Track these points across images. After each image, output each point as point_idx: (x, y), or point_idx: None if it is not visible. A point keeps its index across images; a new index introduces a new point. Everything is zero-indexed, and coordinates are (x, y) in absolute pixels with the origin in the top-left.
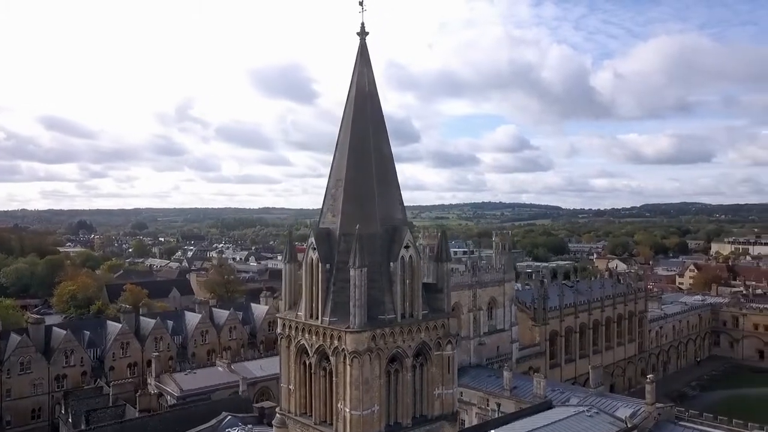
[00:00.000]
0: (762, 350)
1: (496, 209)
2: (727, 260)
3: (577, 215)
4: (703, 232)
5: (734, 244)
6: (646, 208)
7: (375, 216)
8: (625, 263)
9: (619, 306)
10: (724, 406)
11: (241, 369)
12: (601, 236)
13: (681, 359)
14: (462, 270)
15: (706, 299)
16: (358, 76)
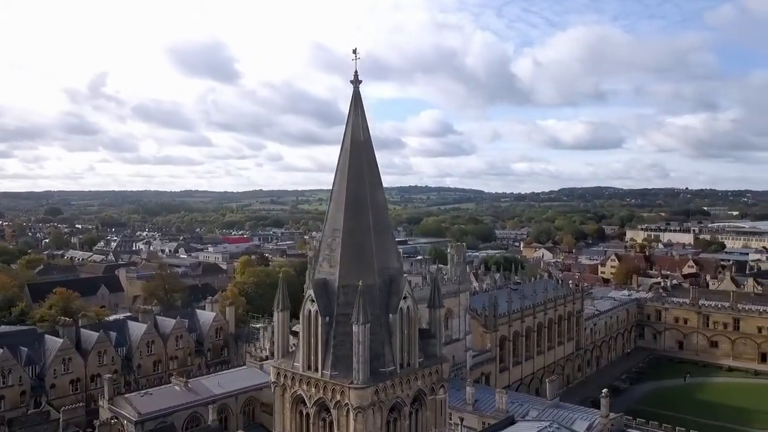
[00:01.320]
0: (681, 341)
1: (423, 193)
2: (643, 249)
3: (499, 199)
4: (617, 217)
5: (647, 231)
6: (563, 192)
7: (373, 267)
8: (551, 252)
9: (560, 308)
10: (651, 398)
11: (198, 387)
12: (524, 222)
13: (611, 353)
14: (420, 283)
15: (632, 294)
16: (352, 127)
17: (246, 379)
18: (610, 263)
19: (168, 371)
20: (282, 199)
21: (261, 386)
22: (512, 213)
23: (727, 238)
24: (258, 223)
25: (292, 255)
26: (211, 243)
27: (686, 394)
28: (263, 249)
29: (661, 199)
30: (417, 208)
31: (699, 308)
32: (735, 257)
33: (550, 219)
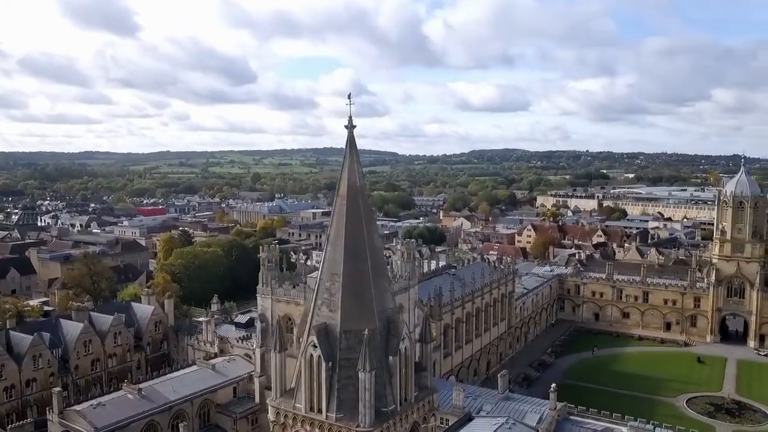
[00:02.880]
0: (597, 313)
1: (338, 155)
2: (556, 219)
3: (413, 161)
4: (526, 181)
5: (555, 197)
6: (473, 155)
7: (373, 311)
8: (469, 221)
9: (495, 291)
10: (575, 370)
11: (152, 393)
12: (440, 187)
13: (537, 327)
14: None
15: (553, 270)
16: (348, 172)
17: (200, 382)
18: (526, 233)
19: (107, 369)
20: (192, 161)
21: (215, 388)
22: (427, 177)
23: (627, 204)
24: (170, 190)
25: (214, 230)
26: (124, 215)
27: (604, 365)
28: (181, 222)
29: (564, 162)
30: (334, 171)
31: (613, 283)
32: (636, 225)
33: (464, 184)
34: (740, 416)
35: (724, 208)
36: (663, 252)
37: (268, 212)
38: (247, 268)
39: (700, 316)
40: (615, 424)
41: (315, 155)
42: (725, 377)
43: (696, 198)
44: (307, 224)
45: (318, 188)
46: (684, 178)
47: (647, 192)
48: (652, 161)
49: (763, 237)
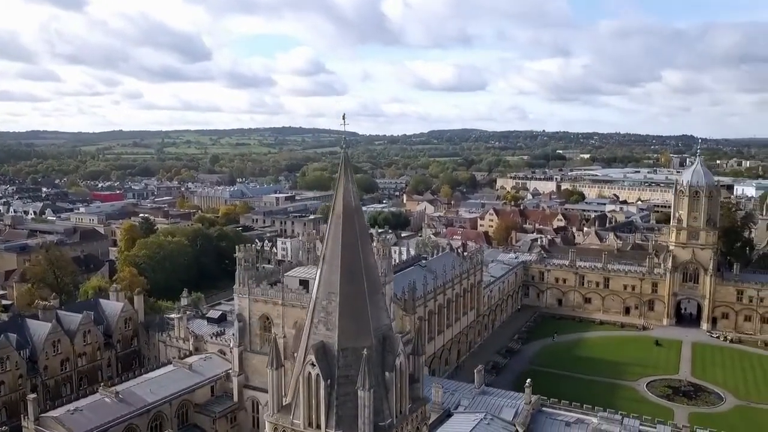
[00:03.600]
0: (561, 299)
1: (297, 134)
2: (517, 202)
3: (373, 141)
4: (486, 162)
5: (515, 179)
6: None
7: (369, 329)
8: (433, 205)
9: (464, 281)
10: (540, 356)
11: (129, 396)
12: (401, 169)
13: (503, 314)
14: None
15: (518, 257)
16: (344, 192)
17: (177, 382)
18: (488, 217)
19: (77, 368)
20: (146, 141)
21: (193, 388)
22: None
23: (584, 186)
24: (125, 173)
25: (175, 216)
26: (79, 200)
27: (569, 351)
28: (141, 208)
29: (522, 142)
30: (293, 151)
31: (576, 269)
32: (594, 208)
33: (425, 166)
34: (696, 398)
35: (681, 197)
36: (621, 236)
37: (229, 197)
38: (212, 258)
39: (657, 301)
40: (585, 414)
41: (273, 134)
42: (681, 360)
43: (649, 180)
44: (271, 210)
45: (279, 170)
46: (637, 158)
47: (603, 174)
48: (606, 141)
49: (716, 225)
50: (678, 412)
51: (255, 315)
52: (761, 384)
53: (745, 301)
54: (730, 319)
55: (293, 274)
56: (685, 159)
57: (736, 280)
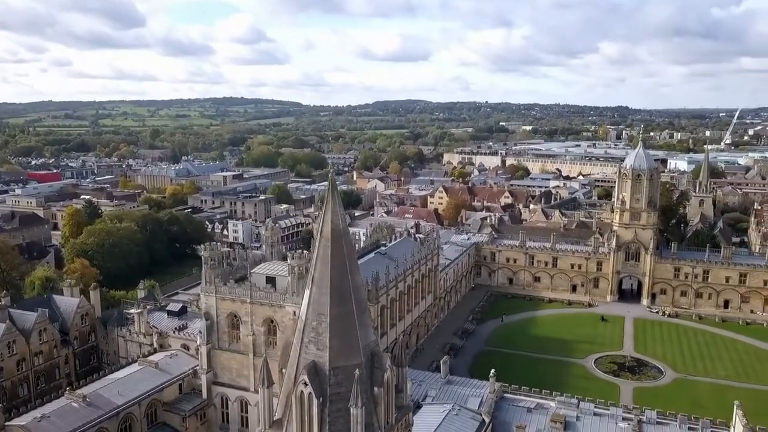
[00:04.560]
0: (511, 278)
1: (239, 105)
2: (465, 180)
3: (318, 113)
4: (431, 135)
5: (461, 153)
6: (378, 106)
7: (359, 346)
8: (383, 182)
9: (423, 267)
10: (494, 336)
11: (97, 399)
12: (348, 142)
13: (458, 295)
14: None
15: (470, 238)
16: (332, 214)
17: (145, 382)
18: (438, 195)
19: (33, 368)
20: (79, 113)
21: (162, 387)
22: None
23: (528, 160)
24: (60, 148)
25: (120, 198)
26: (13, 181)
27: (521, 330)
28: (82, 188)
29: (465, 113)
30: (235, 122)
31: (526, 250)
32: (539, 184)
33: (372, 139)
34: (639, 373)
35: (624, 180)
36: (566, 214)
37: (175, 176)
38: (162, 243)
39: (602, 279)
40: (544, 399)
41: (215, 105)
42: (625, 335)
43: (589, 155)
44: (220, 191)
45: (223, 144)
46: (576, 130)
47: (546, 148)
48: (547, 113)
49: (656, 206)
50: (623, 387)
51: (222, 313)
52: (696, 358)
53: (681, 277)
54: (667, 294)
55: (260, 271)
56: (622, 131)
57: (673, 258)
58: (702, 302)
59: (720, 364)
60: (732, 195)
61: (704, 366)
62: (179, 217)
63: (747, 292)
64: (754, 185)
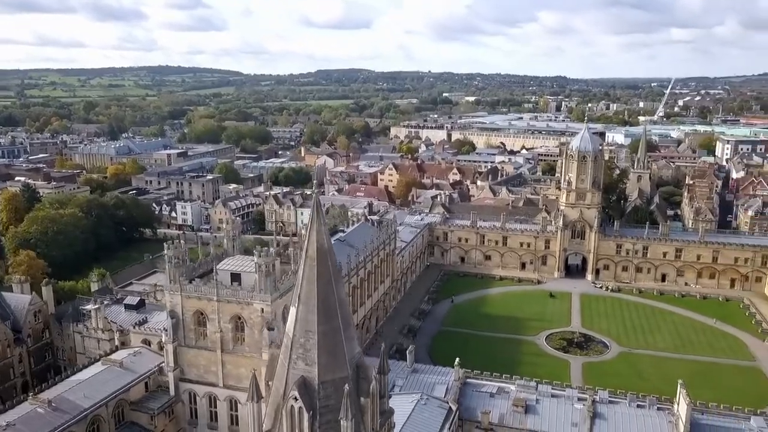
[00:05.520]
0: (463, 257)
1: (176, 74)
2: (413, 156)
3: (259, 82)
4: (377, 107)
5: (408, 127)
6: (320, 75)
7: (345, 360)
8: (332, 158)
9: (381, 252)
10: (449, 316)
11: (63, 403)
12: (293, 115)
13: (413, 275)
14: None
15: (423, 219)
16: (317, 234)
17: (110, 382)
18: (388, 172)
19: None
20: (3, 83)
21: (128, 387)
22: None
23: (473, 134)
24: None
25: (58, 179)
26: None
27: (475, 309)
28: (16, 169)
29: (409, 83)
30: (173, 93)
31: (477, 229)
32: (484, 158)
33: (317, 111)
34: (587, 348)
35: (570, 161)
36: (513, 191)
37: (116, 154)
38: (109, 228)
39: (549, 256)
40: (505, 383)
41: (150, 74)
42: (572, 311)
43: (532, 128)
44: (165, 171)
45: (162, 118)
46: (518, 101)
47: (490, 122)
48: (489, 83)
49: (600, 186)
50: (573, 363)
51: (188, 311)
52: (638, 331)
53: (623, 253)
54: (610, 270)
55: (224, 268)
56: (561, 102)
57: (616, 236)
58: (642, 276)
59: (659, 336)
60: (666, 169)
61: (645, 339)
62: (125, 200)
63: (682, 266)
64: (686, 159)
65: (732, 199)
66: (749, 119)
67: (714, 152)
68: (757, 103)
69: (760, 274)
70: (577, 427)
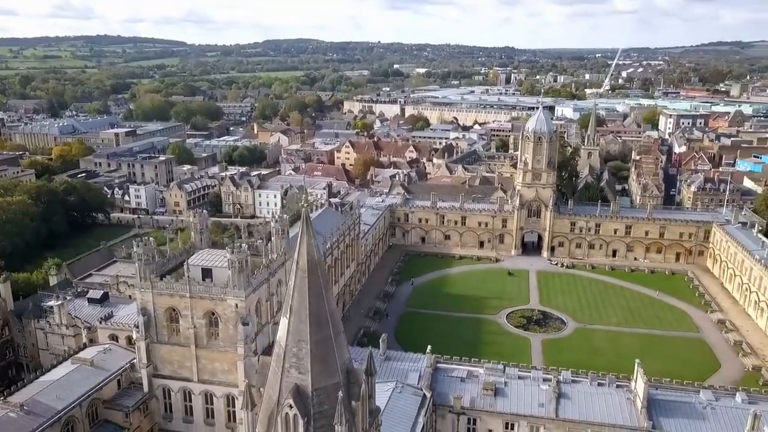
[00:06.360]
0: (424, 237)
1: (115, 44)
2: (370, 134)
3: (205, 53)
4: (328, 79)
5: (361, 102)
6: (268, 45)
7: (337, 366)
8: (286, 135)
9: (347, 238)
10: (413, 297)
11: (35, 406)
12: (243, 88)
13: (376, 257)
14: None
15: (384, 201)
16: (307, 247)
17: (83, 382)
18: (344, 150)
19: None
20: None
21: (101, 385)
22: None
23: (426, 109)
24: None
25: (1, 162)
26: None
27: (437, 289)
28: None
29: (359, 54)
30: (114, 64)
31: (437, 210)
32: (439, 135)
33: (267, 84)
34: (546, 325)
35: (527, 142)
36: (468, 168)
37: (59, 134)
38: (60, 215)
39: (506, 235)
40: (474, 366)
41: (88, 44)
42: (530, 289)
43: (483, 102)
44: (114, 152)
45: (105, 92)
46: (468, 74)
47: (442, 96)
48: (438, 53)
49: (555, 166)
50: (533, 340)
51: (160, 308)
52: (592, 307)
53: (576, 231)
54: (564, 246)
55: (195, 263)
56: (510, 74)
57: (570, 214)
58: (594, 253)
59: (612, 311)
60: (613, 143)
61: (599, 314)
62: (75, 185)
63: (631, 242)
64: (631, 133)
65: (675, 173)
66: (688, 91)
67: (657, 126)
68: (696, 74)
69: (702, 248)
70: (544, 407)
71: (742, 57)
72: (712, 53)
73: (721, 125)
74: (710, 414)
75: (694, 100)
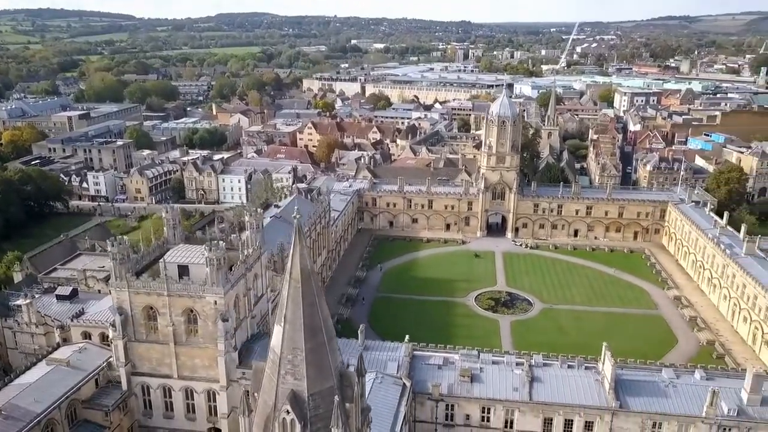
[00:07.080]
0: (391, 221)
1: (59, 18)
2: (333, 114)
3: (155, 28)
4: (285, 56)
5: (321, 80)
6: (221, 19)
7: (331, 371)
8: (247, 116)
9: (318, 226)
10: (384, 282)
11: (14, 410)
12: (197, 66)
13: (346, 243)
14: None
15: (352, 185)
16: (300, 257)
17: (60, 383)
18: (307, 131)
19: None
20: None
21: (79, 386)
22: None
23: (386, 87)
24: None
25: None
26: None
27: (406, 273)
28: None
29: (315, 29)
30: (59, 40)
31: (404, 194)
32: (401, 115)
33: (223, 62)
34: (513, 307)
35: (491, 126)
36: (432, 150)
37: (8, 117)
38: (16, 205)
39: (472, 217)
40: (449, 353)
41: (30, 18)
42: (497, 271)
43: (443, 80)
44: (69, 137)
45: (52, 71)
46: (426, 49)
47: (402, 73)
48: (396, 28)
49: (518, 149)
50: (502, 322)
51: (137, 307)
52: (557, 287)
53: (540, 212)
54: (528, 227)
55: (171, 260)
56: (468, 50)
57: (533, 196)
58: (557, 233)
59: (575, 290)
60: (571, 122)
61: (564, 294)
62: (31, 173)
63: (592, 222)
64: (588, 111)
65: (631, 152)
66: (641, 67)
67: (613, 104)
68: (647, 50)
69: (658, 226)
70: (518, 391)
71: (689, 31)
72: (661, 27)
73: (672, 103)
74: (672, 392)
75: (646, 77)
